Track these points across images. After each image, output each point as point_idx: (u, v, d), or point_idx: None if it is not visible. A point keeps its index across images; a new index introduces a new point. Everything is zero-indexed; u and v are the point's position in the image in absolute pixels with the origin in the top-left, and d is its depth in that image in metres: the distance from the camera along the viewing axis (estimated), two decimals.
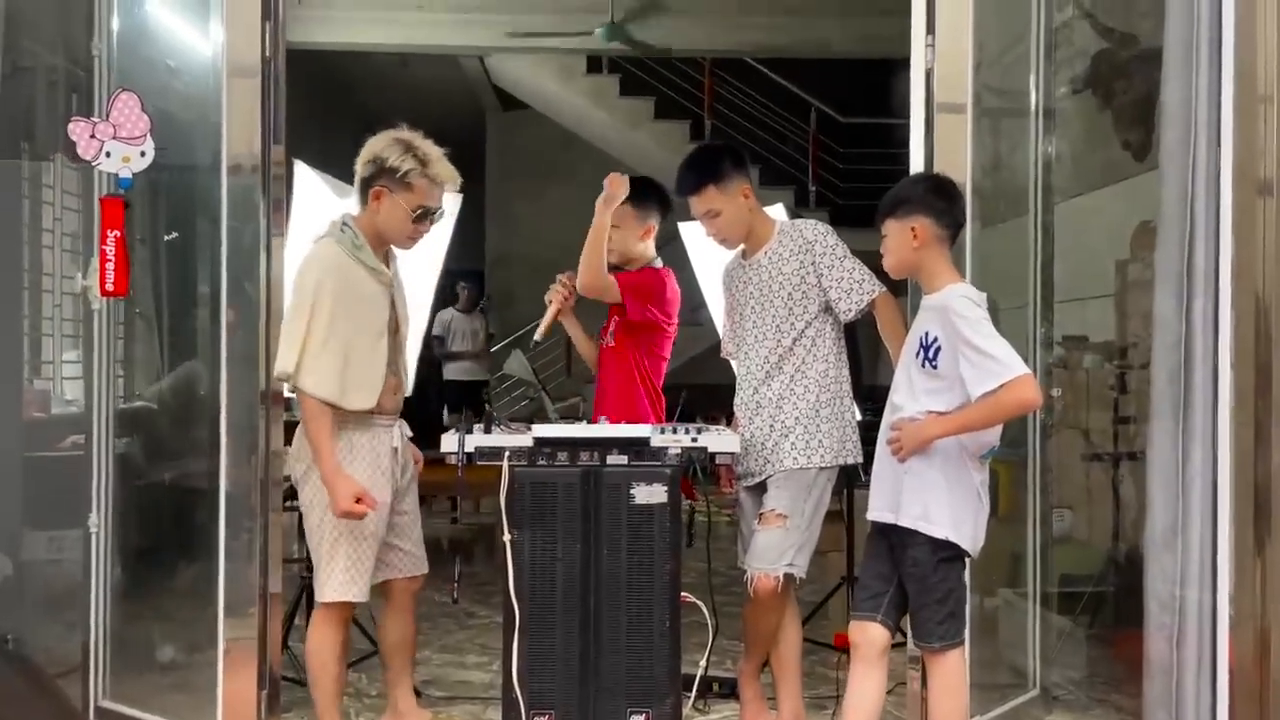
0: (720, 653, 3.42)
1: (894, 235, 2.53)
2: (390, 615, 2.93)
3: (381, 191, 2.73)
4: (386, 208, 2.73)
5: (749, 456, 2.92)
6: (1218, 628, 2.60)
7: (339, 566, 2.72)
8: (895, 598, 2.53)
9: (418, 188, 2.72)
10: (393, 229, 2.76)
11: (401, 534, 2.88)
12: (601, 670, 2.55)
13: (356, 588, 2.74)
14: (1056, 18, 3.48)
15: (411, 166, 2.70)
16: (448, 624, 4.33)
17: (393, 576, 2.88)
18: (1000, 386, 2.35)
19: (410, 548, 2.90)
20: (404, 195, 2.72)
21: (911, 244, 2.51)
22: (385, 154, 2.72)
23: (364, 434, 2.76)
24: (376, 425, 2.78)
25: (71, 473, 3.20)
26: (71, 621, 3.19)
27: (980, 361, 2.37)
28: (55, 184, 4.44)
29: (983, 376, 2.37)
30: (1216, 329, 2.60)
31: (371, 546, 2.76)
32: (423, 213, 2.76)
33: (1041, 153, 3.30)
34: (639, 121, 9.48)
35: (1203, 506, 2.61)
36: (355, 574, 2.73)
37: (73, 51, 3.26)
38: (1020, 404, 2.44)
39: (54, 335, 4.48)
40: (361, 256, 2.72)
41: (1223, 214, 2.60)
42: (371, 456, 2.76)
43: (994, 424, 2.48)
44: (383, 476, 2.78)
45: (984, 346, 2.38)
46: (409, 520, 2.91)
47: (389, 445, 2.81)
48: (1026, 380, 2.37)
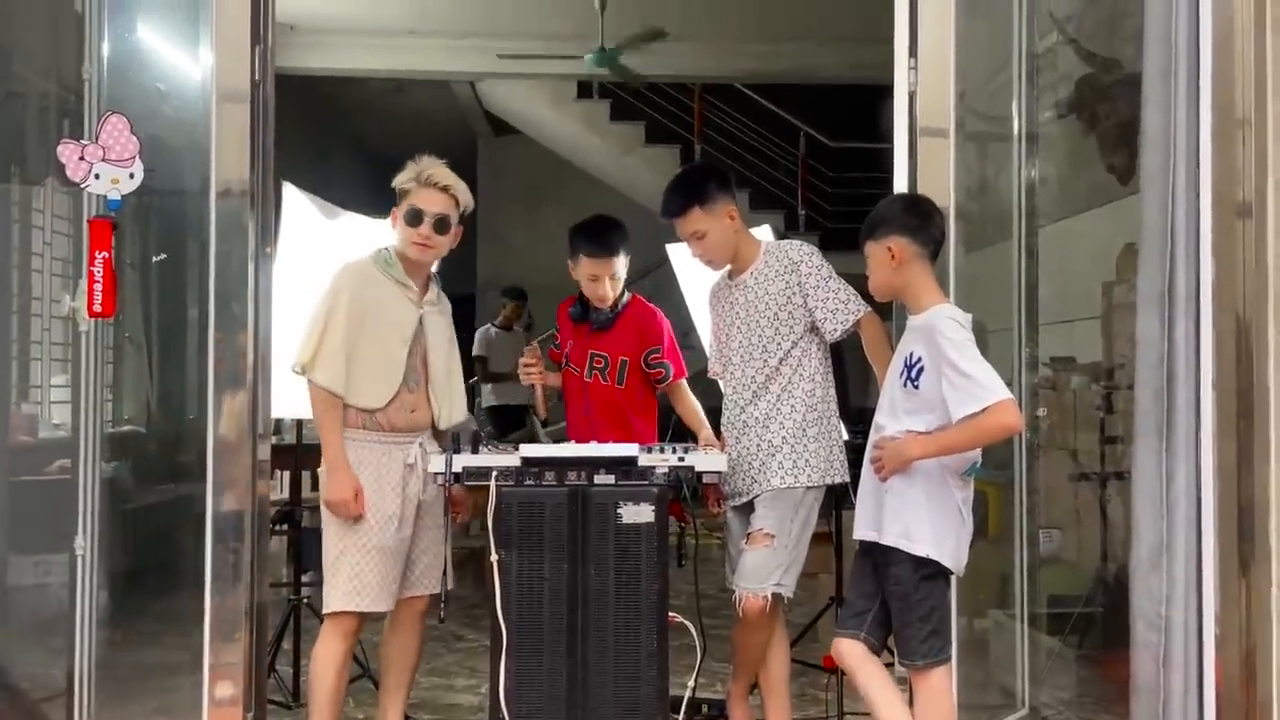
0: (709, 674, 3.42)
1: (874, 257, 2.56)
2: (392, 633, 2.97)
3: (395, 213, 2.91)
4: (398, 225, 2.91)
5: (736, 476, 2.93)
6: (1204, 648, 2.61)
7: (343, 577, 2.78)
8: (879, 616, 2.54)
9: (410, 192, 2.88)
10: (401, 241, 2.91)
11: (422, 550, 2.93)
12: (589, 691, 2.54)
13: (360, 598, 2.78)
14: (1039, 44, 3.53)
15: (409, 178, 2.88)
16: (436, 647, 4.31)
17: (407, 592, 2.91)
18: (982, 410, 2.37)
19: (428, 563, 2.94)
20: (402, 205, 2.88)
21: (890, 264, 2.53)
22: (398, 179, 2.91)
23: (372, 450, 2.83)
24: (387, 442, 2.85)
25: (58, 497, 3.20)
26: (57, 647, 3.17)
27: (962, 384, 2.39)
28: (45, 208, 4.45)
29: (964, 399, 2.38)
30: (1199, 350, 2.62)
31: (376, 559, 2.80)
32: (414, 215, 2.87)
33: (1025, 176, 3.34)
34: (630, 147, 9.55)
35: (1187, 527, 2.62)
36: (360, 584, 2.78)
37: (64, 77, 3.28)
38: (1001, 428, 2.46)
39: (42, 359, 4.47)
40: (392, 272, 2.89)
41: (1203, 236, 2.63)
42: (375, 470, 2.82)
43: (974, 447, 2.50)
44: (390, 491, 2.83)
45: (967, 369, 2.39)
46: (433, 536, 2.94)
47: (402, 462, 2.85)
48: (1008, 405, 2.39)
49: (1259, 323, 2.59)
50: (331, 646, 2.82)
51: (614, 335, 3.28)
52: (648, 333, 3.28)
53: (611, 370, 3.29)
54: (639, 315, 3.31)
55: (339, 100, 9.42)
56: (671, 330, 3.37)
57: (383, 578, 2.81)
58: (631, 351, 3.26)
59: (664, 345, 3.29)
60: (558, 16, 7.03)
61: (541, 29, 7.23)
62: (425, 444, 2.92)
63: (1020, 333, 3.29)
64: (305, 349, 2.81)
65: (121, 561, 3.30)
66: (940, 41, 2.85)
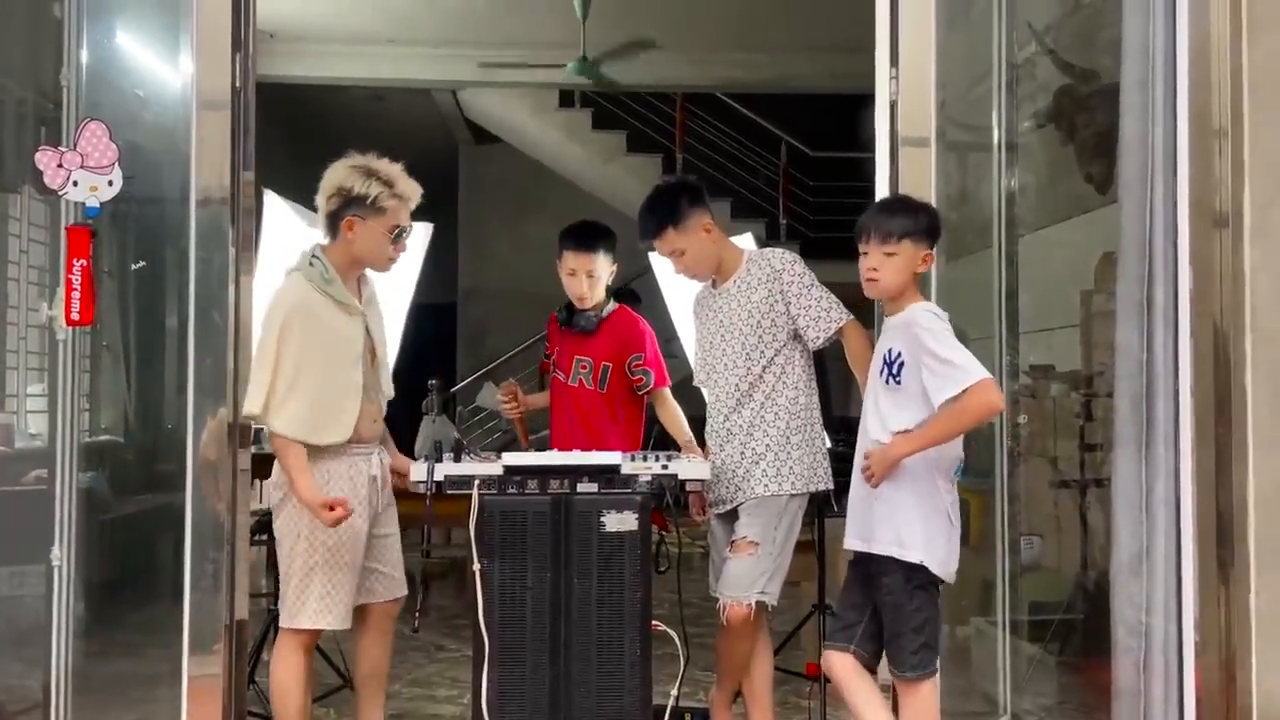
0: (692, 683, 3.41)
1: (906, 258, 2.53)
2: (366, 639, 2.92)
3: (354, 220, 2.75)
4: (362, 235, 2.76)
5: (720, 484, 2.93)
6: (1184, 653, 2.62)
7: (314, 594, 2.71)
8: (870, 628, 2.53)
9: (390, 209, 2.77)
10: (372, 254, 2.80)
11: (381, 557, 2.87)
12: (572, 700, 2.53)
13: (331, 616, 2.73)
14: (1018, 54, 3.56)
15: (380, 190, 2.74)
16: (417, 657, 4.29)
17: (371, 600, 2.87)
18: (963, 392, 2.38)
19: (389, 570, 2.90)
20: (377, 220, 2.76)
21: (918, 269, 2.55)
22: (349, 183, 2.75)
23: (340, 463, 2.76)
24: (354, 454, 2.79)
25: (35, 507, 3.16)
26: (32, 658, 3.13)
27: (941, 369, 2.40)
28: (22, 216, 4.41)
29: (944, 384, 2.39)
30: (1177, 358, 2.64)
31: (348, 575, 2.75)
32: (399, 232, 2.80)
33: (1005, 186, 3.36)
34: (612, 155, 9.55)
35: (1167, 533, 2.64)
36: (330, 602, 2.72)
37: (41, 84, 3.26)
38: (984, 407, 2.45)
39: (19, 368, 4.43)
40: (331, 291, 2.74)
41: (1181, 245, 2.65)
42: (349, 485, 2.76)
43: (960, 432, 2.50)
44: (360, 505, 2.77)
45: (944, 354, 2.41)
46: (389, 543, 2.91)
47: (366, 474, 2.81)
48: (987, 383, 2.40)
49: (1236, 331, 2.61)
50: (293, 660, 2.75)
51: (598, 340, 3.32)
52: (630, 340, 3.32)
53: (595, 375, 3.31)
54: (623, 323, 3.36)
55: (319, 108, 9.38)
56: (655, 339, 3.40)
57: (350, 595, 2.77)
58: (614, 357, 3.30)
59: (646, 353, 3.32)
60: (539, 25, 7.03)
61: (523, 38, 7.23)
62: (383, 453, 2.90)
63: (1001, 341, 3.31)
64: (254, 397, 2.65)
65: (98, 572, 3.26)
66: (921, 51, 2.88)
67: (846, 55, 6.43)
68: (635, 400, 3.34)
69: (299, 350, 2.67)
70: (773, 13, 6.79)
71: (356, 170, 2.76)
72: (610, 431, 3.25)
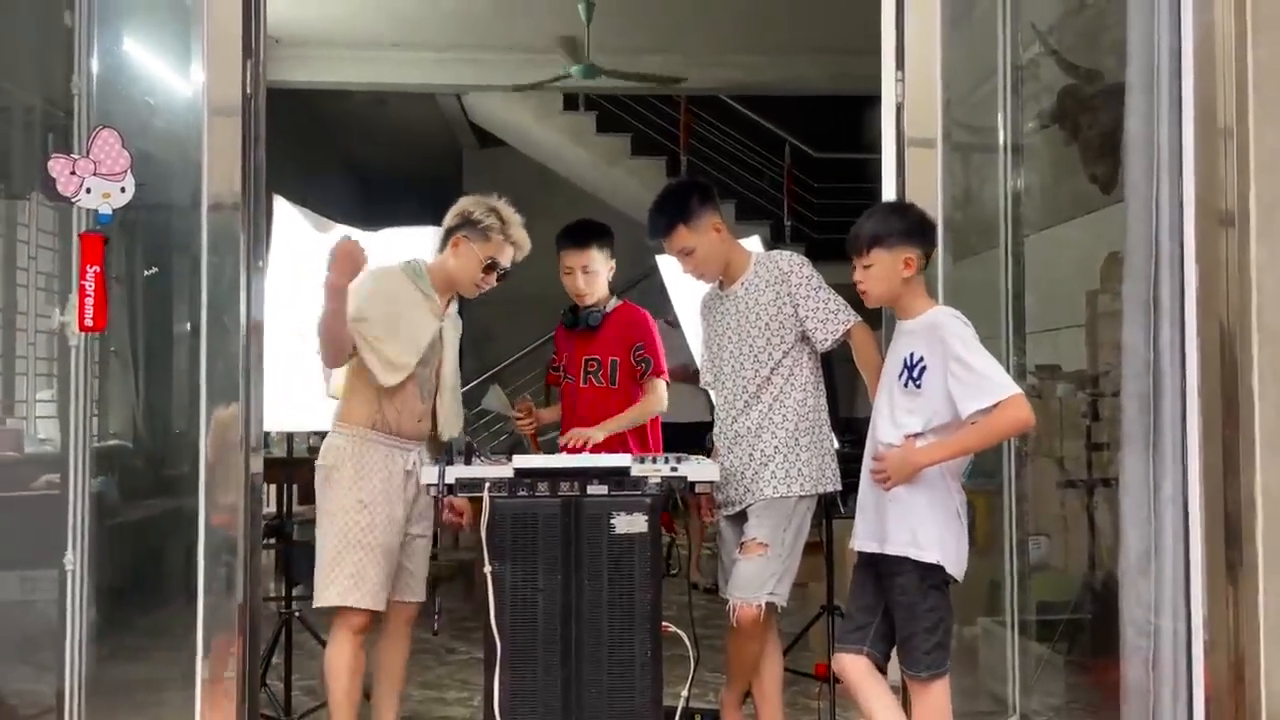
0: (701, 684, 3.42)
1: (884, 265, 2.56)
2: (383, 641, 3.02)
3: (460, 240, 3.00)
4: (463, 254, 3.00)
5: (729, 486, 2.94)
6: (1193, 653, 2.63)
7: (344, 572, 2.81)
8: (882, 628, 2.54)
9: (494, 242, 3.00)
10: (464, 274, 3.02)
11: (410, 556, 2.99)
12: (583, 702, 2.54)
13: (359, 594, 2.82)
14: (1023, 55, 3.57)
15: (493, 223, 3.00)
16: (427, 660, 4.30)
17: (395, 598, 2.95)
18: (994, 406, 2.38)
19: (415, 569, 3.01)
20: (480, 245, 2.99)
21: (903, 274, 2.55)
22: (472, 209, 3.03)
23: (380, 450, 2.89)
24: (392, 445, 2.91)
25: (44, 512, 3.18)
26: (44, 663, 3.14)
27: (971, 379, 2.40)
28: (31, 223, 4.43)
29: (974, 394, 2.39)
30: (1184, 357, 2.65)
31: (377, 556, 2.84)
32: (492, 264, 3.01)
33: (1011, 186, 3.37)
34: (616, 158, 9.56)
35: (1175, 533, 2.64)
36: (359, 580, 2.82)
37: (49, 91, 3.27)
38: (1015, 423, 2.46)
39: (28, 374, 4.44)
40: (418, 283, 2.98)
41: (1186, 245, 2.66)
42: (385, 473, 2.89)
43: (988, 446, 2.51)
44: (395, 494, 2.89)
45: (975, 364, 2.41)
46: (421, 544, 3.02)
47: (403, 467, 2.91)
48: (1020, 399, 2.40)
49: (1243, 330, 2.62)
50: (341, 645, 2.86)
51: (603, 337, 3.36)
52: (634, 329, 3.36)
53: (604, 372, 3.34)
54: (628, 315, 3.40)
55: (323, 113, 9.40)
56: (658, 332, 3.43)
57: (382, 577, 2.86)
58: (620, 351, 3.34)
59: (647, 342, 3.36)
60: (544, 29, 7.04)
61: (527, 41, 7.24)
62: (422, 453, 2.99)
63: (1008, 341, 3.32)
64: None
65: (109, 577, 3.27)
66: (927, 54, 2.89)
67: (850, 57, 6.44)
68: (637, 392, 3.36)
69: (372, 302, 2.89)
70: (776, 15, 6.80)
71: (483, 203, 3.06)
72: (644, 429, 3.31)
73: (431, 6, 6.91)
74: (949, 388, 2.42)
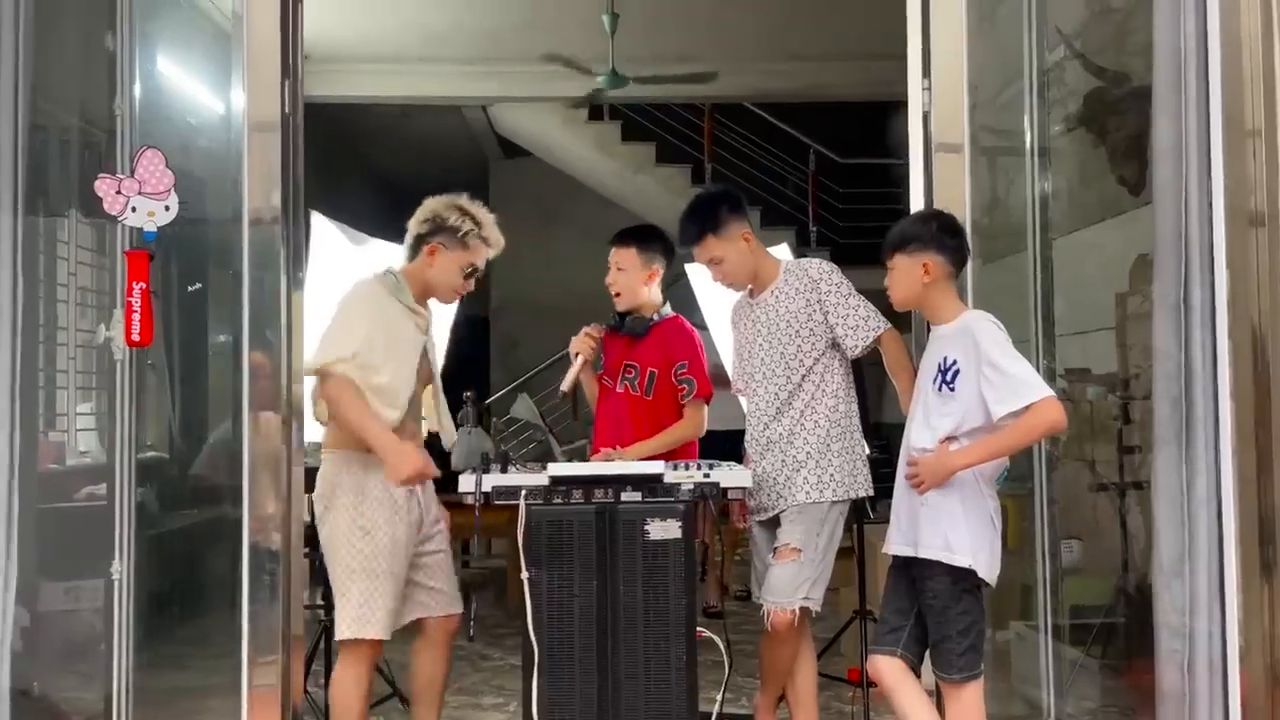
0: (734, 689, 3.43)
1: (903, 270, 2.59)
2: (423, 653, 2.98)
3: (437, 248, 2.93)
4: (440, 262, 2.94)
5: (761, 492, 2.96)
6: (1228, 656, 2.62)
7: (352, 604, 2.78)
8: (915, 631, 2.55)
9: (472, 247, 2.95)
10: (443, 282, 2.96)
11: (433, 574, 2.95)
12: (620, 707, 2.57)
13: (371, 625, 2.78)
14: (1048, 58, 3.57)
15: (470, 228, 2.94)
16: (462, 666, 4.34)
17: (426, 615, 2.94)
18: (1026, 408, 2.39)
19: (442, 586, 2.97)
20: (458, 253, 2.94)
21: (922, 279, 2.57)
22: (445, 215, 2.94)
23: (376, 474, 2.81)
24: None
25: (87, 523, 3.24)
26: (87, 672, 3.20)
27: (1002, 382, 2.41)
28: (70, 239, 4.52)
29: (1006, 396, 2.40)
30: (1215, 359, 2.65)
31: (386, 584, 2.80)
32: (471, 270, 2.96)
33: (1038, 189, 3.37)
34: (641, 166, 9.60)
35: (1209, 535, 2.64)
36: (368, 610, 2.78)
37: (87, 110, 3.35)
38: (1047, 425, 2.47)
39: (68, 388, 4.53)
40: (401, 297, 2.91)
41: (1216, 246, 2.66)
42: (386, 499, 2.83)
43: (1021, 448, 2.51)
44: (397, 516, 2.84)
45: (1007, 367, 2.42)
46: (441, 559, 2.98)
47: (405, 488, 2.85)
48: (1051, 401, 2.41)
49: (1274, 330, 2.61)
50: (352, 672, 2.81)
51: (646, 346, 3.33)
52: (679, 346, 3.33)
53: (641, 381, 3.33)
54: (674, 330, 3.37)
55: (350, 127, 9.49)
56: (703, 350, 3.40)
57: (392, 603, 2.82)
58: (660, 364, 3.31)
59: (691, 362, 3.32)
60: (568, 40, 7.10)
61: (552, 53, 7.30)
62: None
63: (1038, 344, 3.32)
64: (328, 349, 2.77)
65: (150, 586, 3.33)
66: (953, 60, 2.91)
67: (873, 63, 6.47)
68: (680, 408, 3.35)
69: (369, 331, 2.81)
70: (799, 23, 6.82)
71: (455, 206, 2.96)
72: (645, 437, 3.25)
73: (456, 21, 6.97)
74: (981, 391, 2.43)
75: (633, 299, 3.36)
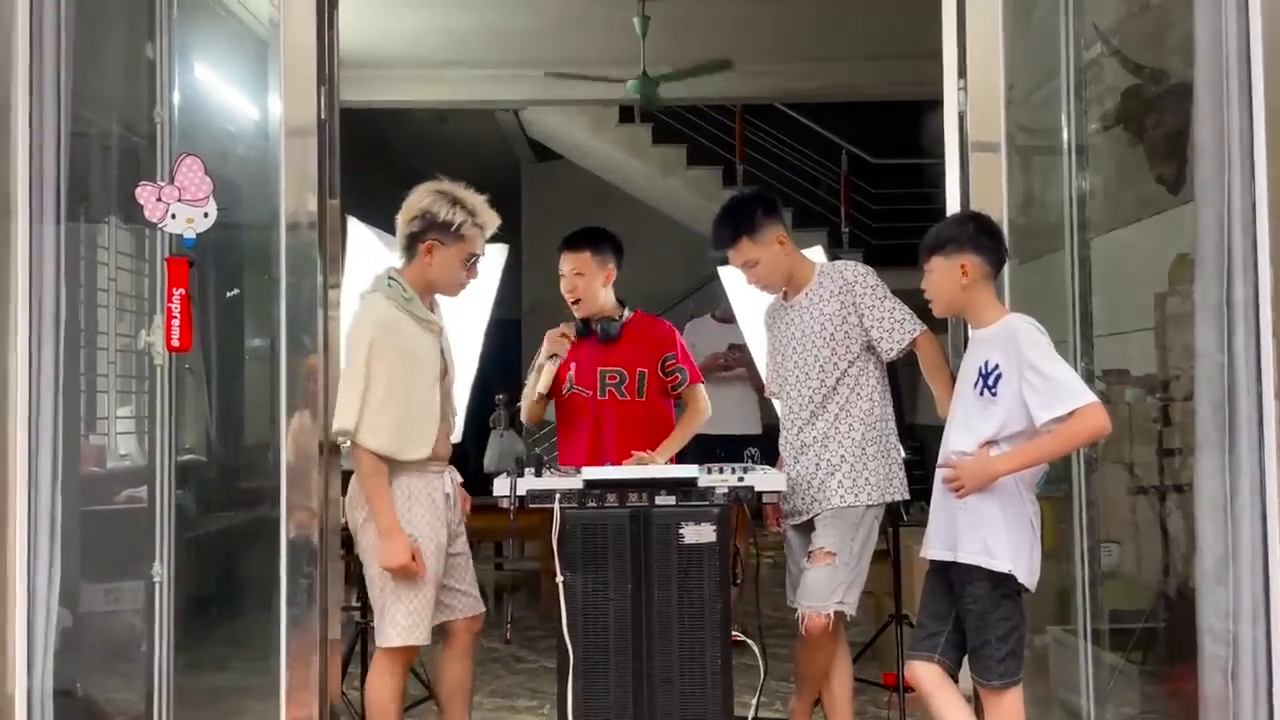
0: (769, 694, 3.42)
1: (941, 272, 2.58)
2: (449, 657, 2.97)
3: (433, 245, 2.83)
4: (440, 259, 2.84)
5: (796, 495, 2.95)
6: (1273, 662, 2.58)
7: (401, 612, 2.77)
8: (953, 637, 2.53)
9: (469, 237, 2.85)
10: (446, 278, 2.87)
11: (457, 576, 2.93)
12: (655, 711, 2.57)
13: (419, 632, 2.78)
14: (1085, 56, 3.53)
15: (464, 219, 2.82)
16: (496, 669, 4.36)
17: (452, 618, 2.93)
18: (1070, 414, 2.36)
19: (467, 588, 2.96)
20: (457, 246, 2.84)
21: (960, 281, 2.55)
22: (433, 208, 2.82)
23: (420, 480, 2.82)
24: (430, 472, 2.86)
25: (127, 526, 3.28)
26: (127, 672, 3.24)
27: (1045, 387, 2.39)
28: (110, 245, 4.59)
29: (1049, 401, 2.38)
30: (1259, 360, 2.61)
31: (430, 591, 2.81)
32: (474, 260, 2.88)
33: (1075, 188, 3.33)
34: (672, 169, 9.61)
35: (1253, 539, 2.60)
36: (417, 619, 2.78)
37: (126, 117, 3.39)
38: (1093, 432, 2.45)
39: (109, 392, 4.59)
40: (412, 308, 2.81)
41: (1260, 246, 2.62)
42: (428, 503, 2.83)
43: (1064, 454, 2.49)
44: (439, 521, 2.84)
45: (1050, 371, 2.40)
46: (462, 561, 2.96)
47: (442, 491, 2.87)
48: (1096, 408, 2.39)
49: None
50: (392, 681, 2.80)
51: (625, 348, 3.31)
52: (660, 340, 3.33)
53: (630, 384, 3.30)
54: (648, 325, 3.37)
55: (383, 132, 9.58)
56: (680, 337, 3.40)
57: (431, 610, 2.81)
58: (648, 362, 3.30)
59: (677, 351, 3.34)
60: (599, 43, 7.11)
61: (583, 56, 7.32)
62: (452, 472, 2.95)
63: (1076, 345, 3.28)
64: (347, 413, 2.70)
65: (189, 587, 3.37)
66: (989, 59, 2.88)
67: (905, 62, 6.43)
68: (669, 404, 3.35)
69: (387, 368, 2.74)
70: (830, 23, 6.79)
71: (441, 196, 2.84)
72: (652, 443, 3.24)
73: (488, 25, 7.01)
74: (1023, 395, 2.41)
75: (593, 303, 3.35)
